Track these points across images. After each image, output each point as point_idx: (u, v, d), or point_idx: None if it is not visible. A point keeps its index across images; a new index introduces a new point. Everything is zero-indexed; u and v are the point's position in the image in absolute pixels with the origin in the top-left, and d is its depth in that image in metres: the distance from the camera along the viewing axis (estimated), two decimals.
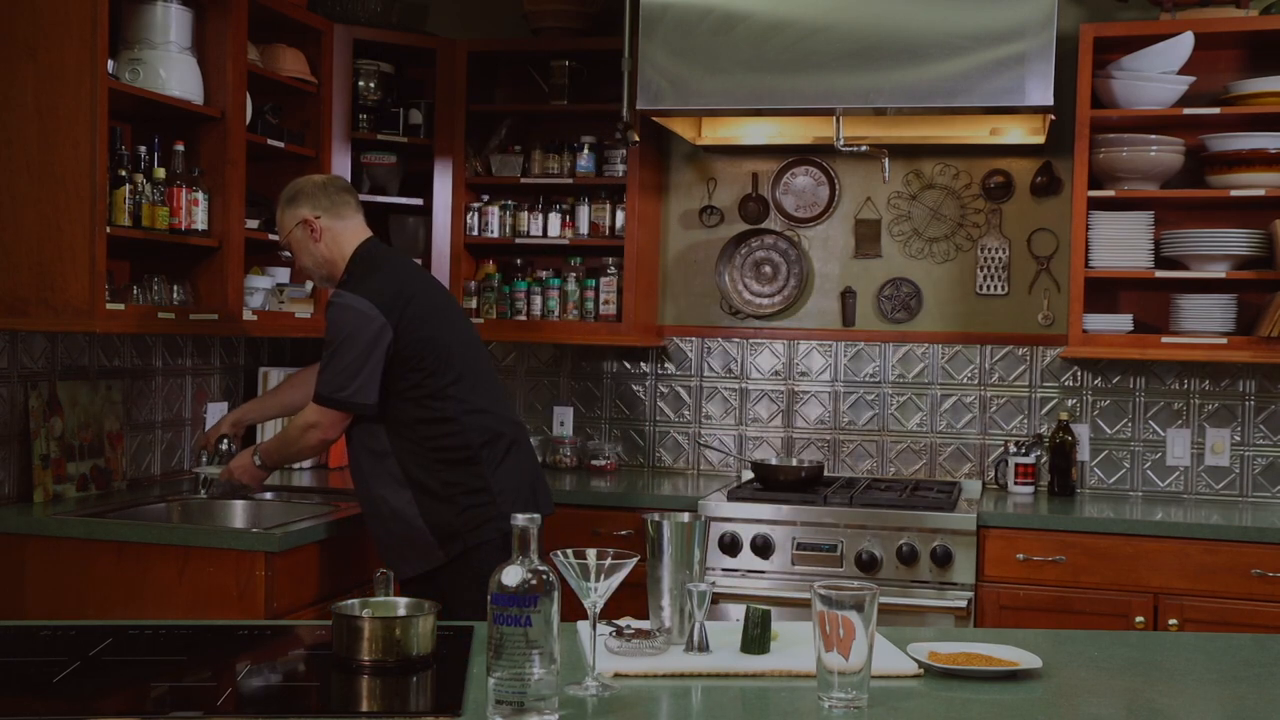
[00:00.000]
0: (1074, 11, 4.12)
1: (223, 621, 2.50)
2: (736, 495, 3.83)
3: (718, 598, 3.60)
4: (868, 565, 3.66)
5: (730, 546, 3.74)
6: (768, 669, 1.90)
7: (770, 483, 3.97)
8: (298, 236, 3.24)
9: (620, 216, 4.28)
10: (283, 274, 4.03)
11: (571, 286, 4.38)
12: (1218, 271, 3.84)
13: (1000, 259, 4.27)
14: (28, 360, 3.41)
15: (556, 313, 4.37)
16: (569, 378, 4.60)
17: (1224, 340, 3.81)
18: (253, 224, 3.79)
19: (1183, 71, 3.82)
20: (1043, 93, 3.48)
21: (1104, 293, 4.05)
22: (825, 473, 4.24)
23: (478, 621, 2.12)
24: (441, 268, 4.34)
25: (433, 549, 3.10)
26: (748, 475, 4.27)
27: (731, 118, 4.19)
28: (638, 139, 3.96)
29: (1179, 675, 2.02)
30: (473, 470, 3.12)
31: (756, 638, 1.98)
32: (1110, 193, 3.89)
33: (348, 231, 3.24)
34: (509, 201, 4.40)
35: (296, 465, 4.28)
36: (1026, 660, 1.94)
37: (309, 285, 4.11)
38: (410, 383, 3.11)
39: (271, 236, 3.88)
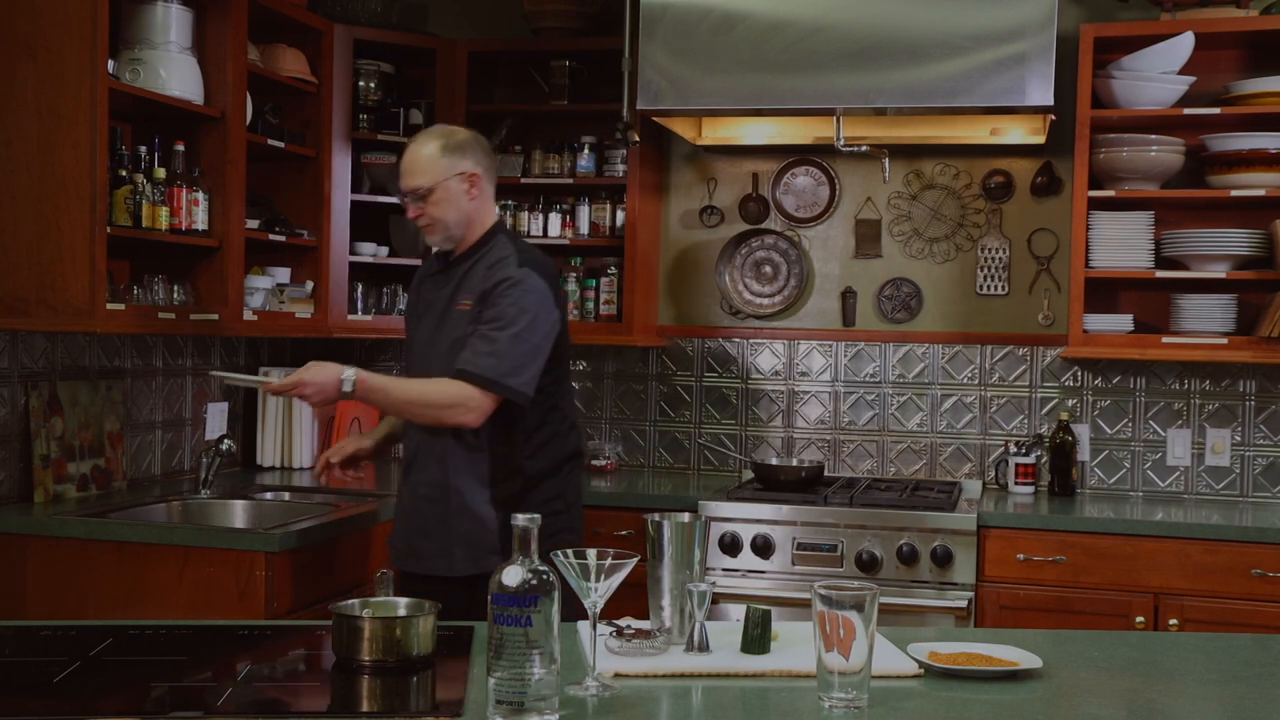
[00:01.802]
0: (1074, 11, 4.12)
1: (223, 621, 2.50)
2: (736, 495, 3.83)
3: (718, 598, 3.60)
4: (868, 565, 3.66)
5: (730, 546, 3.74)
6: (768, 669, 1.90)
7: (770, 483, 3.97)
8: (454, 188, 2.92)
9: (620, 216, 4.28)
10: (283, 274, 4.03)
11: (572, 286, 4.37)
12: (1218, 271, 3.84)
13: (1000, 259, 4.27)
14: (28, 360, 3.41)
15: None
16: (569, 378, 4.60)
17: (1224, 340, 3.80)
18: (253, 224, 3.79)
19: (1183, 71, 3.82)
20: (1043, 93, 3.48)
21: (1104, 293, 4.05)
22: (825, 473, 4.24)
23: (478, 622, 2.12)
24: None
25: (494, 554, 2.87)
26: (748, 475, 4.27)
27: (731, 118, 4.19)
28: (638, 139, 3.96)
29: (1179, 675, 2.02)
30: (555, 481, 2.97)
31: (756, 638, 1.98)
32: (1110, 193, 3.89)
33: (490, 199, 3.02)
34: (509, 201, 4.40)
35: (297, 465, 4.28)
36: (1026, 660, 1.94)
37: (309, 285, 4.11)
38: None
39: (273, 237, 3.89)
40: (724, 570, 3.74)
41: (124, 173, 3.27)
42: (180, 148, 3.48)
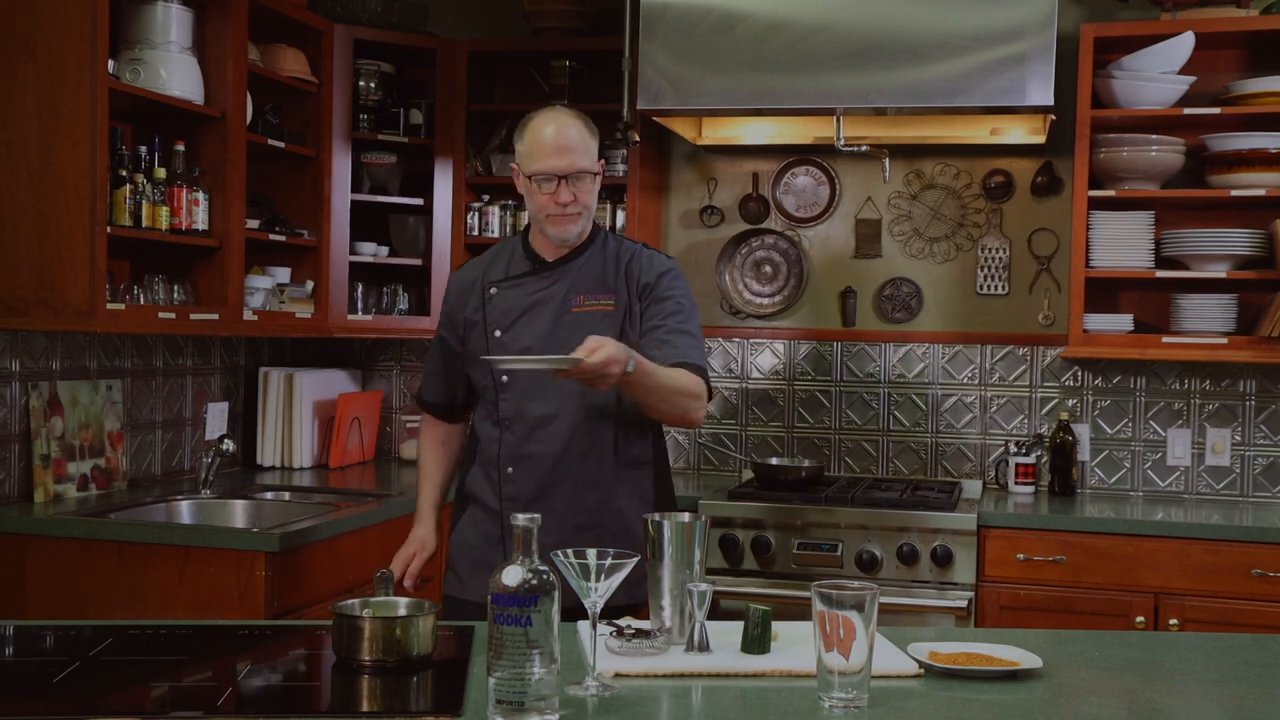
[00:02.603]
0: (1074, 11, 4.12)
1: (223, 621, 2.50)
2: (736, 495, 3.83)
3: (717, 598, 3.59)
4: (868, 565, 3.66)
5: (730, 546, 3.74)
6: (768, 669, 1.90)
7: (770, 483, 3.97)
8: (599, 177, 2.76)
9: (620, 216, 4.28)
10: (283, 274, 4.03)
11: None
12: (1218, 271, 3.84)
13: (1000, 259, 4.27)
14: (28, 360, 3.41)
15: None
16: None
17: (1224, 340, 3.80)
18: (253, 224, 3.79)
19: (1183, 71, 3.82)
20: (1043, 93, 3.48)
21: (1104, 293, 4.05)
22: (825, 473, 4.24)
23: (478, 622, 2.12)
24: (442, 268, 4.34)
25: (644, 582, 2.50)
26: (748, 475, 4.27)
27: (731, 118, 4.19)
28: (638, 139, 3.96)
29: (1179, 675, 2.01)
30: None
31: (756, 638, 1.98)
32: (1111, 193, 3.89)
33: None
34: (509, 201, 4.40)
35: (297, 465, 4.28)
36: (1026, 660, 1.93)
37: (309, 285, 4.11)
38: None
39: (273, 237, 3.89)
40: (724, 570, 3.74)
41: (124, 173, 3.27)
42: (180, 148, 3.48)
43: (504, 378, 2.72)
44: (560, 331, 2.69)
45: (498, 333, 2.74)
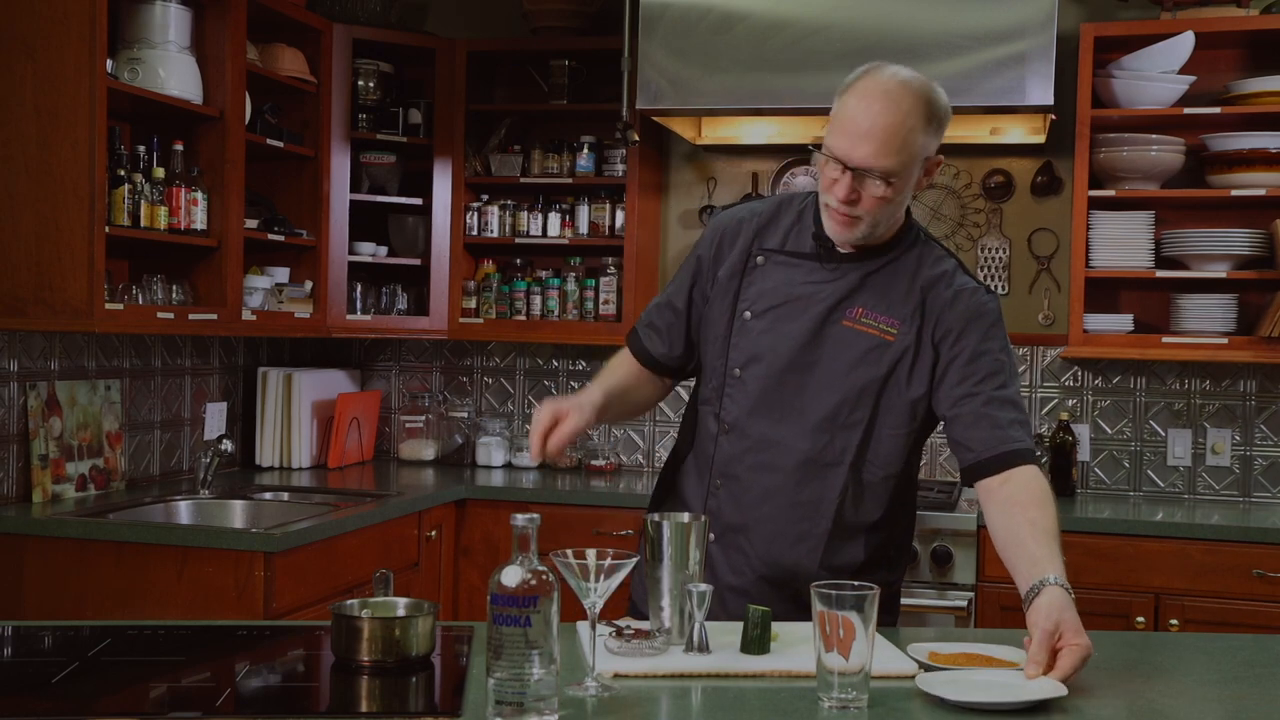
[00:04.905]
0: (1074, 11, 4.11)
1: (222, 621, 2.49)
2: None
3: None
4: None
5: None
6: (768, 669, 1.90)
7: None
8: (915, 175, 2.22)
9: (620, 216, 4.27)
10: (282, 274, 4.03)
11: (571, 286, 4.37)
12: (1218, 271, 3.84)
13: (1000, 259, 4.27)
14: (26, 360, 3.41)
15: (556, 313, 4.37)
16: (569, 378, 4.60)
17: (1225, 340, 3.80)
18: (252, 224, 3.79)
19: (1183, 71, 3.81)
20: (1043, 92, 3.48)
21: (1104, 293, 4.05)
22: None
23: (478, 622, 2.12)
24: (441, 267, 4.34)
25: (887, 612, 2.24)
26: None
27: (731, 117, 4.19)
28: (637, 138, 3.96)
29: (1179, 675, 2.01)
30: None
31: (756, 638, 1.97)
32: (1111, 192, 3.89)
33: None
34: (509, 201, 4.40)
35: (296, 465, 4.28)
36: (1027, 660, 1.93)
37: (308, 285, 4.10)
38: None
39: (272, 237, 3.88)
40: None
41: (122, 172, 3.27)
42: (179, 147, 3.48)
43: (737, 370, 2.24)
44: (817, 347, 2.19)
45: (748, 314, 2.25)
